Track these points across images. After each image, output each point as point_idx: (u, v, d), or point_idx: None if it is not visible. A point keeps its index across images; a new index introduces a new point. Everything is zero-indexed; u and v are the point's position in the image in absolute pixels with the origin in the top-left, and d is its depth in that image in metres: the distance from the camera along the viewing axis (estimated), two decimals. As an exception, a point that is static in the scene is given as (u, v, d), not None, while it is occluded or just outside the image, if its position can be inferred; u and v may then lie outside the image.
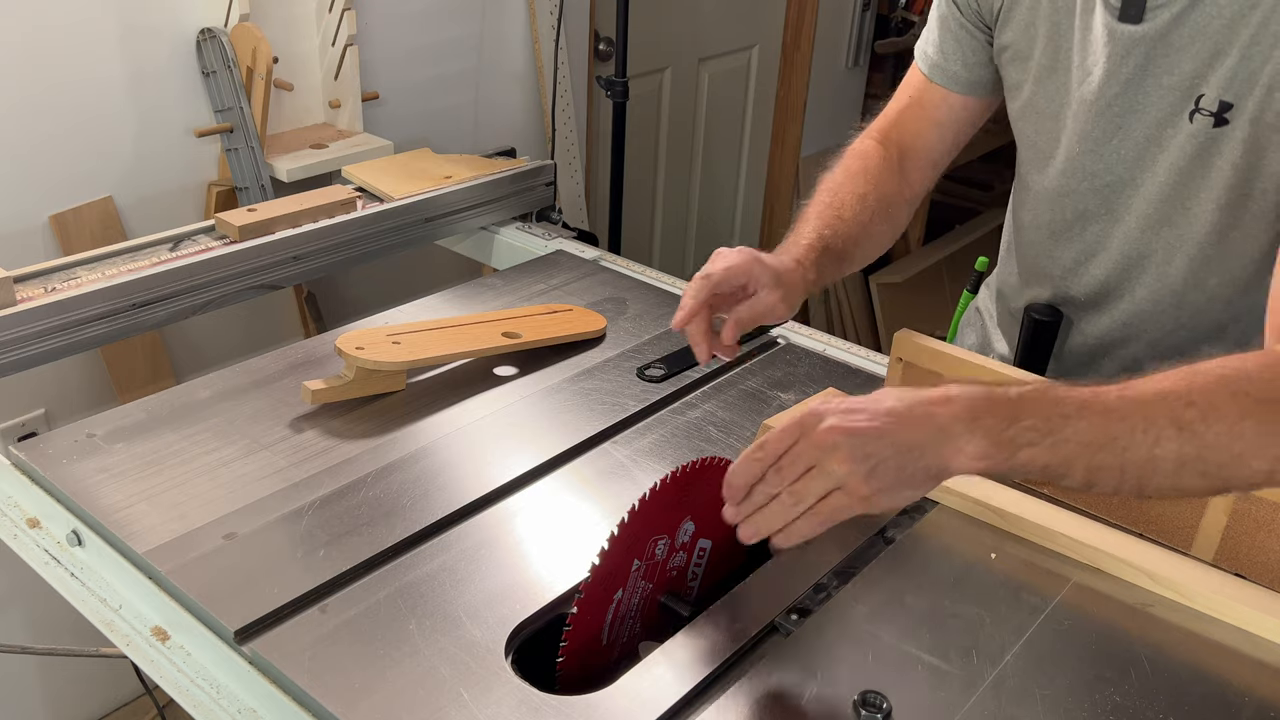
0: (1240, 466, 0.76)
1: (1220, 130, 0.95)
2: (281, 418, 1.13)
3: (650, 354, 1.29)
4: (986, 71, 1.16)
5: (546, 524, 1.00)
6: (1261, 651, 0.88)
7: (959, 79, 1.16)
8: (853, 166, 1.17)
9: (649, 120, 2.86)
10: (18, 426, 1.66)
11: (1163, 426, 0.75)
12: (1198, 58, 0.94)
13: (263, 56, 1.68)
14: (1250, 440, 0.75)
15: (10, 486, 1.04)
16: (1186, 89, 0.96)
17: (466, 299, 1.41)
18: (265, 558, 0.92)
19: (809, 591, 0.92)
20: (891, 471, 0.76)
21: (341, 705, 0.78)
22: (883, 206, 1.14)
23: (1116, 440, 0.75)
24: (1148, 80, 0.98)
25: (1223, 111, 0.94)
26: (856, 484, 0.76)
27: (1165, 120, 0.99)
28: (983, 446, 0.76)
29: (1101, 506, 1.03)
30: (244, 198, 1.75)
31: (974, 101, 1.18)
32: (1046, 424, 0.76)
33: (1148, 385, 0.78)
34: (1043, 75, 1.07)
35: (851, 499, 0.76)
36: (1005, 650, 0.86)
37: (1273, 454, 0.75)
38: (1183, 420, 0.75)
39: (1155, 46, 0.96)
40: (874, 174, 1.16)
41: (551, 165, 1.73)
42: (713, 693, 0.82)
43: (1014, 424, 0.76)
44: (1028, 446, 0.76)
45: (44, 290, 1.25)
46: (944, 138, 1.19)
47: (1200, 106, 0.95)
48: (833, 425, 0.76)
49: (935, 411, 0.77)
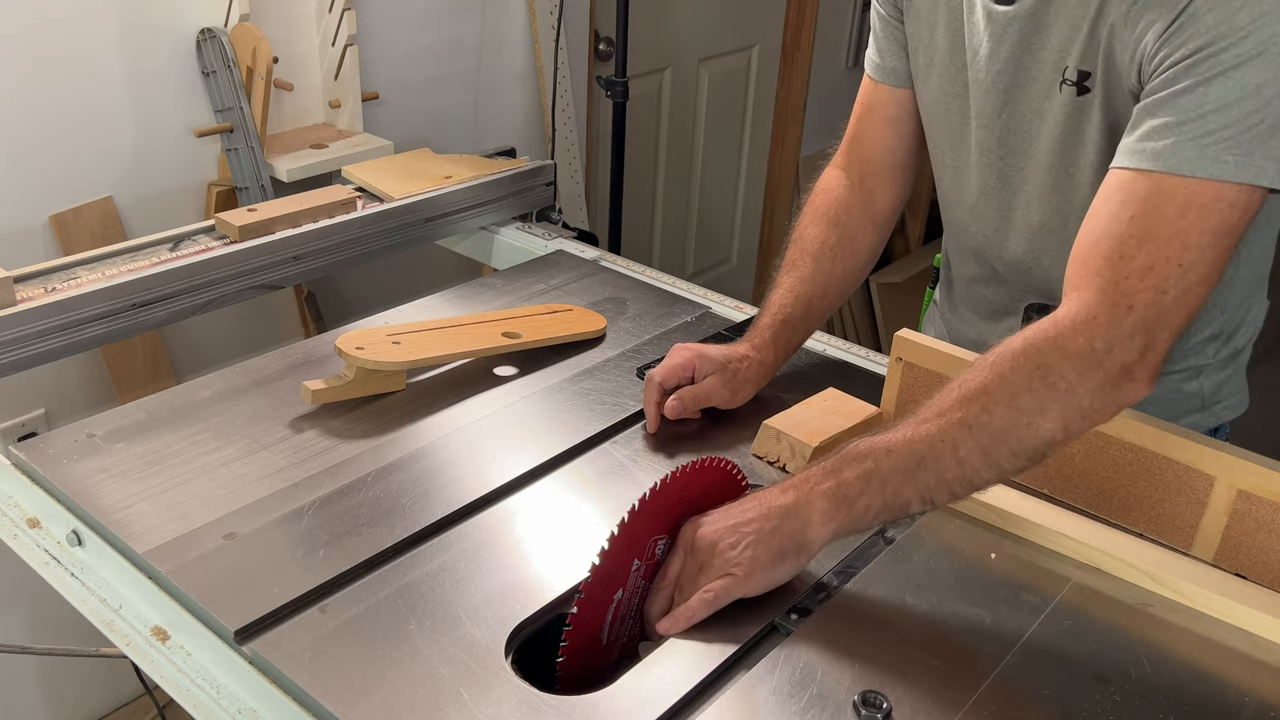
0: (1035, 433, 0.87)
1: (1084, 98, 1.00)
2: (281, 418, 1.13)
3: (650, 354, 1.29)
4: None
5: (546, 524, 1.00)
6: (1261, 651, 0.88)
7: (898, 72, 1.20)
8: (818, 204, 1.24)
9: (649, 120, 2.86)
10: (18, 426, 1.66)
11: (955, 431, 0.87)
12: (1062, 32, 0.99)
13: (263, 56, 1.68)
14: (1029, 409, 0.86)
15: (10, 486, 1.04)
16: (1056, 62, 1.01)
17: (466, 299, 1.41)
18: (265, 558, 0.92)
19: (809, 591, 0.92)
20: (761, 550, 0.87)
21: (341, 705, 0.78)
22: (846, 243, 1.21)
23: (924, 460, 0.87)
24: (1025, 56, 1.03)
25: (1082, 80, 0.99)
26: (737, 570, 0.87)
27: (1043, 93, 1.03)
28: (825, 508, 0.88)
29: (1102, 506, 1.03)
30: (244, 198, 1.75)
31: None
32: (865, 472, 0.88)
33: (939, 402, 0.89)
34: (945, 59, 1.11)
35: (733, 581, 0.87)
36: (1005, 650, 0.86)
37: (1054, 412, 0.86)
38: (968, 419, 0.87)
39: (1027, 24, 1.01)
40: (836, 210, 1.22)
41: (551, 165, 1.73)
42: (713, 693, 0.82)
43: (840, 482, 0.88)
44: (860, 495, 0.88)
45: (44, 290, 1.25)
46: (900, 134, 1.22)
47: (1065, 77, 1.00)
48: (704, 532, 0.90)
49: (780, 499, 0.89)
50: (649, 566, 0.91)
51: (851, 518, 0.88)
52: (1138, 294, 0.87)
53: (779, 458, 1.08)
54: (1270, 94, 0.84)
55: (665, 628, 0.87)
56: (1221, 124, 0.85)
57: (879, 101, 1.22)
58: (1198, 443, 0.97)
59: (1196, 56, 0.86)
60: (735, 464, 0.95)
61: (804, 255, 1.21)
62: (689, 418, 1.15)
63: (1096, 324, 0.87)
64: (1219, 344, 1.16)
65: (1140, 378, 0.87)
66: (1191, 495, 0.97)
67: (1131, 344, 0.86)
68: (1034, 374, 0.87)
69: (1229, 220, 0.86)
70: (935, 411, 0.89)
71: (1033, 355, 0.88)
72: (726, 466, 0.95)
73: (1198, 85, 0.86)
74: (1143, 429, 0.99)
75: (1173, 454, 0.97)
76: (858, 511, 0.88)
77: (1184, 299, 0.87)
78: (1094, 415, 0.88)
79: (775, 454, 1.09)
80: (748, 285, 3.47)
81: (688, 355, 1.16)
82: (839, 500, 0.88)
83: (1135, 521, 1.01)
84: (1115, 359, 0.86)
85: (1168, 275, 0.86)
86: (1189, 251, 0.86)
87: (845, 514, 0.88)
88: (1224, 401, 1.19)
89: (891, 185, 1.23)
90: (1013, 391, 0.87)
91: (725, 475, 0.95)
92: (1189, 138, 0.86)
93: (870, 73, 1.23)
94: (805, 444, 1.06)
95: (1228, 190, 0.86)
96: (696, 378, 1.16)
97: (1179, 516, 0.98)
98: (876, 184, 1.23)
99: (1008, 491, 1.02)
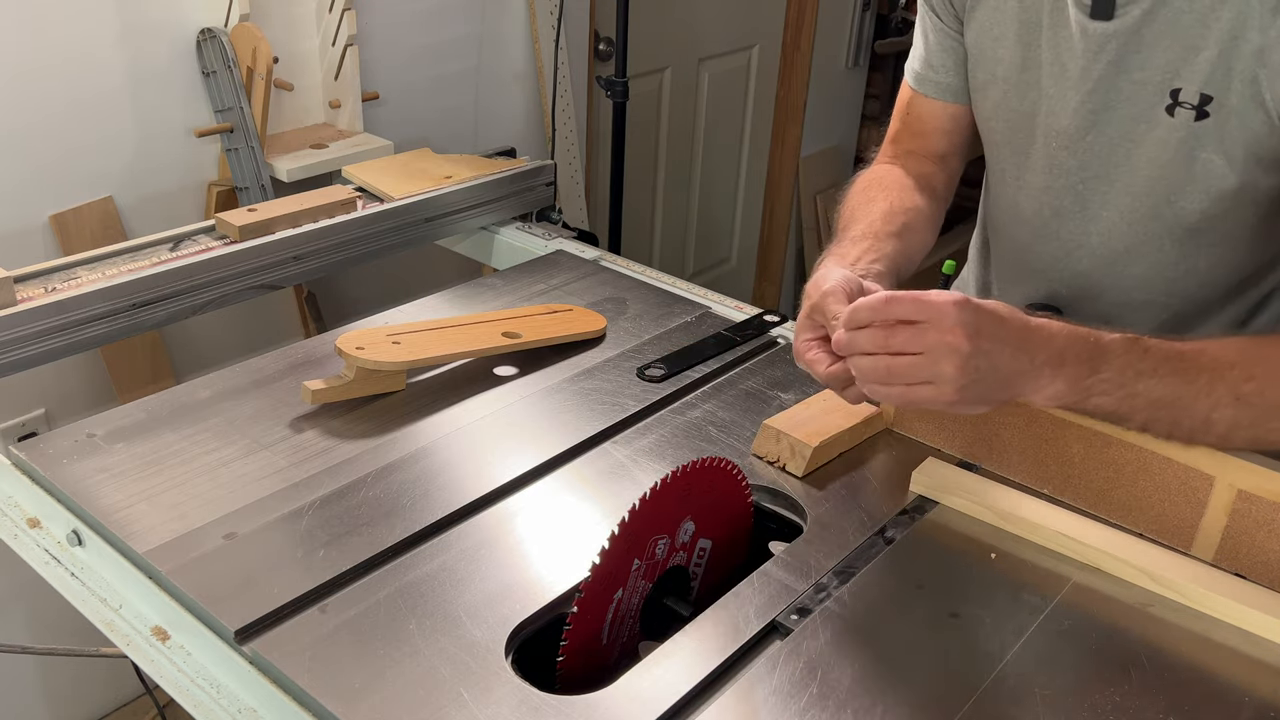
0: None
1: (1202, 123, 0.97)
2: (281, 418, 1.13)
3: (650, 354, 1.29)
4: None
5: (546, 524, 1.00)
6: (1261, 651, 0.88)
7: (953, 89, 1.17)
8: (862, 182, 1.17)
9: (649, 120, 2.86)
10: (18, 426, 1.66)
11: (1221, 395, 0.85)
12: (1170, 51, 0.96)
13: (263, 56, 1.68)
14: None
15: (10, 486, 1.04)
16: (1160, 83, 0.98)
17: (466, 299, 1.41)
18: (265, 558, 0.92)
19: (809, 591, 0.92)
20: (983, 389, 0.84)
21: (341, 705, 0.78)
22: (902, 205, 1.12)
23: (1180, 400, 0.85)
24: (1121, 76, 1.00)
25: (1203, 104, 0.96)
26: (949, 391, 0.83)
27: (1140, 115, 1.00)
28: (1060, 390, 0.85)
29: (1102, 506, 1.03)
30: (244, 198, 1.75)
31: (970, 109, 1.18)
32: (1121, 378, 0.85)
33: (1216, 351, 0.86)
34: (1013, 74, 1.08)
35: (938, 399, 0.84)
36: (1005, 650, 0.86)
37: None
38: (1240, 391, 0.85)
39: (1127, 43, 0.98)
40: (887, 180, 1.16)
41: (551, 165, 1.73)
42: (713, 693, 0.82)
43: (1094, 374, 0.85)
44: (1101, 395, 0.86)
45: (44, 290, 1.25)
46: (954, 142, 1.20)
47: (1180, 101, 0.97)
48: (964, 330, 0.82)
49: (1035, 349, 0.84)
50: (649, 566, 0.91)
51: (1078, 408, 0.88)
52: None
53: (779, 458, 1.08)
54: None
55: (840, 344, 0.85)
56: None
57: (929, 113, 1.19)
58: (1198, 443, 0.97)
59: None
60: (735, 464, 0.95)
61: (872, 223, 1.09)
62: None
63: None
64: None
65: None
66: (1191, 495, 0.97)
67: None
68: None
69: None
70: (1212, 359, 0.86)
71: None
72: (726, 466, 0.95)
73: None
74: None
75: (1173, 454, 0.97)
76: (1088, 406, 0.87)
77: None
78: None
79: (775, 454, 1.09)
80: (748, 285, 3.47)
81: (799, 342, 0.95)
82: (1079, 390, 0.86)
83: (1135, 521, 1.01)
84: None
85: None
86: None
87: (1075, 404, 0.87)
88: None
89: (946, 168, 1.21)
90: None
91: (725, 475, 0.95)
92: None
93: (915, 85, 1.19)
94: (805, 444, 1.06)
95: None
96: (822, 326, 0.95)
97: (1179, 516, 0.98)
98: (931, 168, 1.20)
99: (1008, 492, 1.02)
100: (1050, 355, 0.85)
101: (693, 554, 0.96)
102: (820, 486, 1.05)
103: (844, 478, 1.07)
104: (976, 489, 1.02)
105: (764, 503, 1.05)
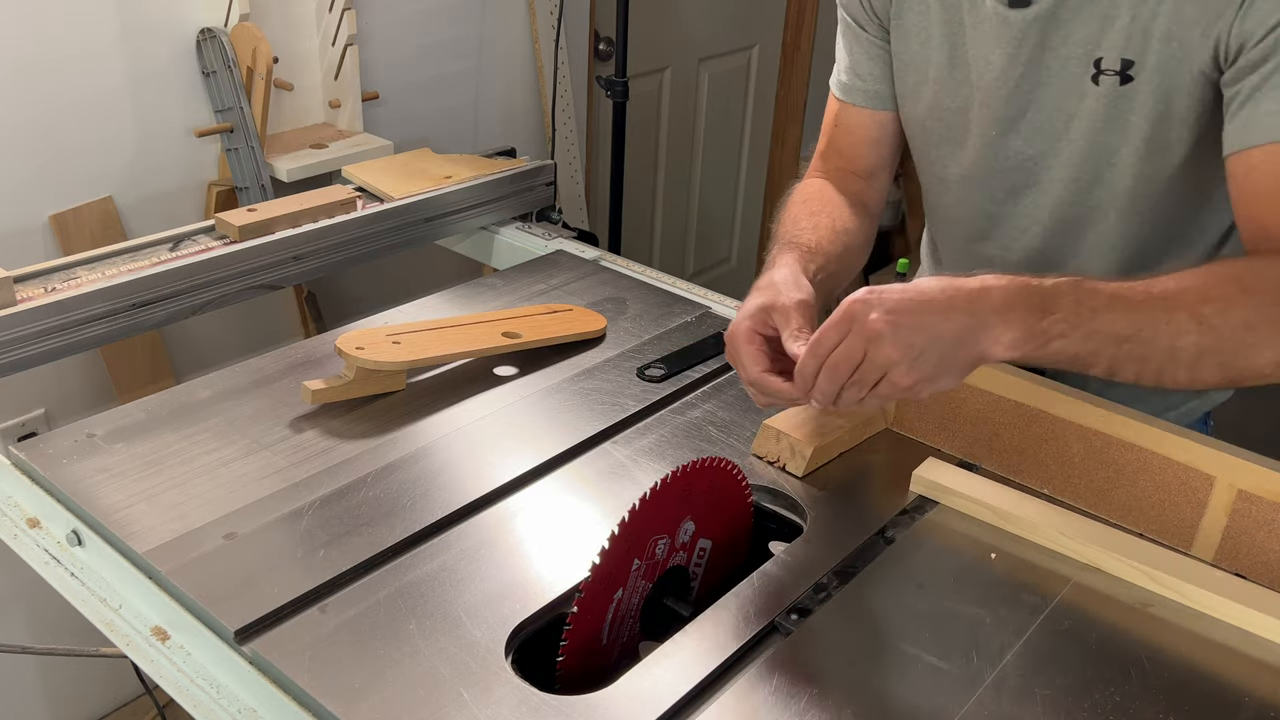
0: (1254, 356, 0.83)
1: (1127, 86, 0.99)
2: (281, 418, 1.13)
3: (650, 354, 1.29)
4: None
5: (546, 524, 1.00)
6: (1261, 651, 0.88)
7: (880, 95, 1.18)
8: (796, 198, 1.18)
9: (649, 120, 2.86)
10: (18, 426, 1.66)
11: (1183, 320, 0.83)
12: (1088, 25, 0.99)
13: (263, 56, 1.68)
14: (1261, 332, 0.83)
15: (10, 486, 1.04)
16: (1084, 56, 1.01)
17: (466, 299, 1.41)
18: (265, 558, 0.92)
19: (809, 591, 0.92)
20: (933, 361, 0.83)
21: (341, 705, 0.78)
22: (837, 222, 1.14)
23: (1141, 332, 0.83)
24: (1047, 54, 1.03)
25: (1126, 69, 0.98)
26: (902, 374, 0.83)
27: (1070, 89, 1.03)
28: (1016, 337, 0.83)
29: (1102, 506, 1.03)
30: (244, 198, 1.75)
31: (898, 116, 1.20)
32: (1076, 317, 0.83)
33: (1169, 282, 0.84)
34: (943, 73, 1.11)
35: (900, 386, 0.83)
36: (1005, 650, 0.86)
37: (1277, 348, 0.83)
38: (1201, 315, 0.82)
39: (1047, 25, 1.01)
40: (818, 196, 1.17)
41: (551, 165, 1.73)
42: (713, 693, 0.82)
43: (1046, 316, 0.83)
44: (1059, 338, 0.83)
45: (44, 290, 1.25)
46: (880, 153, 1.21)
47: (1103, 69, 1.00)
48: (879, 317, 0.83)
49: (974, 304, 0.83)
50: (649, 566, 0.91)
51: (1037, 355, 0.85)
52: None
53: (779, 458, 1.08)
54: None
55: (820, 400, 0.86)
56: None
57: (858, 124, 1.21)
58: (1198, 443, 0.97)
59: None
60: (735, 464, 0.95)
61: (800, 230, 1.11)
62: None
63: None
64: None
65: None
66: (1191, 495, 0.97)
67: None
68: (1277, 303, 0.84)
69: None
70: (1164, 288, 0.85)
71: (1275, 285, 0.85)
72: (726, 466, 0.95)
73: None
74: (1143, 429, 0.99)
75: (1173, 454, 0.97)
76: (1048, 352, 0.84)
77: None
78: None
79: (775, 454, 1.09)
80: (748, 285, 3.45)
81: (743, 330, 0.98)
82: (1034, 335, 0.84)
83: (1135, 521, 1.01)
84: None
85: None
86: None
87: (1034, 351, 0.84)
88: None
89: (875, 183, 1.22)
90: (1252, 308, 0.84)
91: (725, 475, 0.95)
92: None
93: (843, 96, 1.21)
94: (805, 444, 1.06)
95: None
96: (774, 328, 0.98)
97: (1179, 516, 0.98)
98: (860, 184, 1.21)
99: (1008, 492, 1.02)
100: (993, 305, 0.84)
101: (693, 554, 0.96)
102: (820, 486, 1.05)
103: (844, 478, 1.07)
104: (976, 489, 1.02)
105: (764, 503, 1.05)
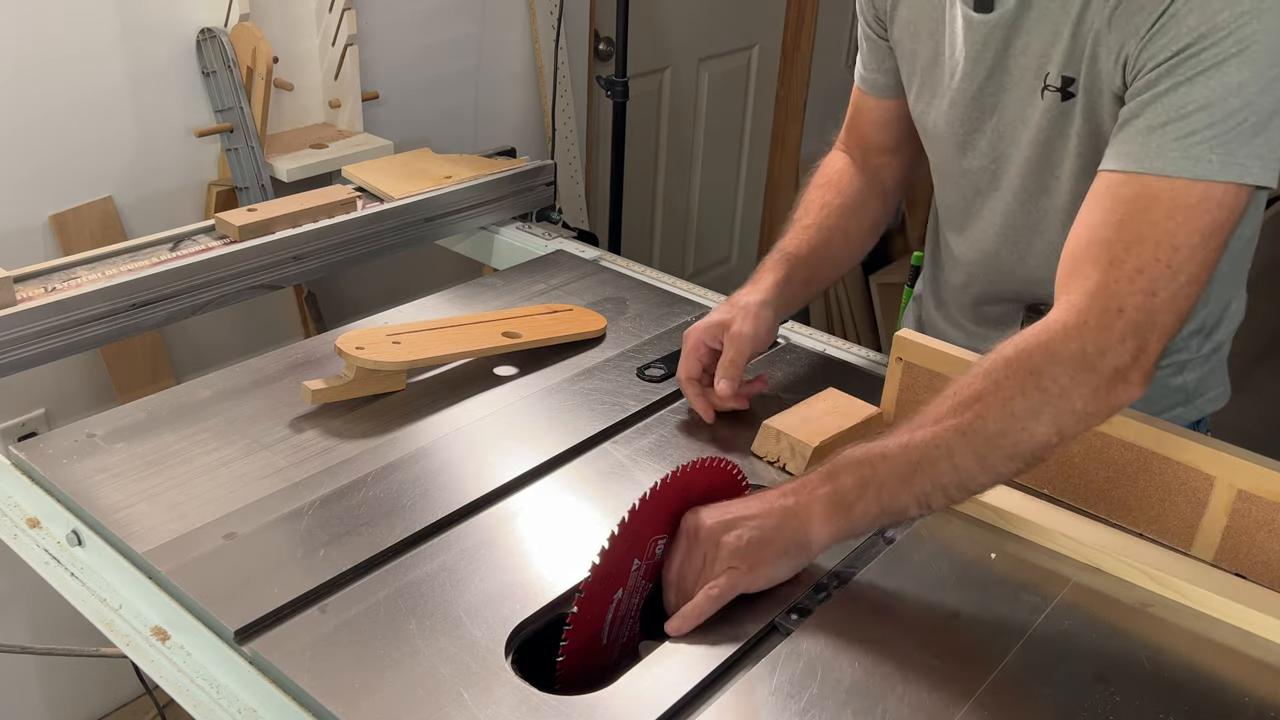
0: (1030, 437, 0.87)
1: (1067, 103, 1.01)
2: (281, 418, 1.13)
3: (650, 354, 1.29)
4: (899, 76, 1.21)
5: (546, 524, 1.00)
6: (1261, 651, 0.88)
7: (881, 85, 1.22)
8: (819, 177, 1.27)
9: (649, 120, 2.86)
10: (18, 426, 1.66)
11: (950, 437, 0.87)
12: (1042, 38, 1.00)
13: (263, 56, 1.68)
14: (1023, 414, 0.87)
15: (10, 486, 1.04)
16: (1037, 69, 1.02)
17: (466, 299, 1.41)
18: (265, 558, 0.92)
19: (809, 591, 0.92)
20: (764, 545, 0.88)
21: (341, 705, 0.78)
22: (851, 206, 1.24)
23: (920, 466, 0.87)
24: (1010, 60, 1.04)
25: (1066, 86, 1.00)
26: (742, 566, 0.87)
27: (1024, 98, 1.04)
28: (823, 512, 0.88)
29: (1102, 506, 1.03)
30: (244, 198, 1.75)
31: (901, 104, 1.22)
32: (861, 478, 0.88)
33: (934, 409, 0.89)
34: (927, 68, 1.13)
35: (737, 575, 0.87)
36: (1005, 650, 0.86)
37: (1048, 416, 0.87)
38: (963, 425, 0.87)
39: (1008, 32, 1.02)
40: (838, 178, 1.25)
41: (551, 165, 1.73)
42: (713, 693, 0.82)
43: (838, 487, 0.89)
44: (858, 501, 0.88)
45: (44, 290, 1.25)
46: (893, 134, 1.25)
47: (1047, 84, 1.01)
48: (707, 524, 0.89)
49: (780, 501, 0.90)
50: (649, 566, 0.91)
51: (850, 522, 0.89)
52: (1128, 297, 0.87)
53: (779, 458, 1.08)
54: (1252, 92, 0.85)
55: (675, 628, 0.87)
56: (1205, 123, 0.86)
57: (867, 108, 1.26)
58: (1198, 443, 0.97)
59: (1179, 57, 0.87)
60: (735, 464, 0.95)
61: (807, 212, 1.23)
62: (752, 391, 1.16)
63: (1088, 328, 0.87)
64: (1201, 338, 1.17)
65: (1134, 380, 0.88)
66: (1191, 495, 0.97)
67: (1123, 348, 0.86)
68: (1027, 379, 0.87)
69: (1217, 220, 0.87)
70: (931, 418, 0.89)
71: (1025, 361, 0.88)
72: (726, 466, 0.95)
73: (1180, 85, 0.87)
74: (1143, 429, 0.99)
75: (1173, 454, 0.97)
76: (855, 516, 0.89)
77: (1175, 300, 0.87)
78: (1088, 419, 0.88)
79: (775, 454, 1.09)
80: (748, 286, 3.46)
81: (695, 337, 1.15)
82: (837, 505, 0.88)
83: (1135, 521, 1.01)
84: (1108, 363, 0.87)
85: (1157, 277, 0.86)
86: (1178, 253, 0.86)
87: (843, 518, 0.89)
88: (1207, 394, 1.20)
89: (895, 159, 1.26)
90: (1006, 396, 0.87)
91: (725, 475, 0.95)
92: (1173, 138, 0.87)
93: (859, 85, 1.26)
94: (805, 444, 1.06)
95: (1214, 190, 0.86)
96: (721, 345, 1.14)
97: (1179, 516, 0.98)
98: (879, 160, 1.26)
99: (1008, 492, 1.02)
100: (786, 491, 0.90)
101: (693, 554, 0.96)
102: (820, 486, 1.05)
103: (844, 478, 1.07)
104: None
105: (764, 503, 1.05)
